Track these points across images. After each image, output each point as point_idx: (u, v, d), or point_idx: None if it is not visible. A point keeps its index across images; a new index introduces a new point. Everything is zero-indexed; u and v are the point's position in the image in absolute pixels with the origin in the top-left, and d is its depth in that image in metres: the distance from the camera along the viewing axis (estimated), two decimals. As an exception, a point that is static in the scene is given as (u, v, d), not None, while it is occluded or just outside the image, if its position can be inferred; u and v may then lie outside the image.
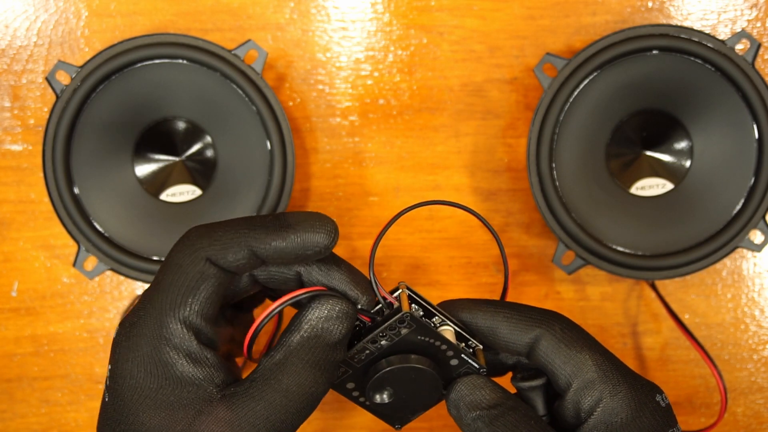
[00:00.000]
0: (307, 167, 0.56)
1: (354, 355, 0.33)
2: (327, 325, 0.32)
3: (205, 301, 0.31)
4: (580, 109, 0.51)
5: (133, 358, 0.30)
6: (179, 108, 0.52)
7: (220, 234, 0.31)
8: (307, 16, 0.55)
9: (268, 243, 0.31)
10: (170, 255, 0.31)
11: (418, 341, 0.33)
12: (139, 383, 0.30)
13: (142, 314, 0.31)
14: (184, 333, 0.30)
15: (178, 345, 0.30)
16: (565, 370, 0.33)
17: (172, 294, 0.30)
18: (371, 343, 0.33)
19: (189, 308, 0.30)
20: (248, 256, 0.31)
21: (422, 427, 0.58)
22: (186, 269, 0.30)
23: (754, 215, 0.50)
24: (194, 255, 0.30)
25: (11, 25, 0.54)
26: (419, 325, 0.33)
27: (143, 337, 0.30)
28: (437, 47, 0.55)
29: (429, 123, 0.56)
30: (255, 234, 0.31)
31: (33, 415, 0.57)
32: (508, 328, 0.34)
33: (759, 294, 0.57)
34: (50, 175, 0.50)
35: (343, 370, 0.34)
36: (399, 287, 0.34)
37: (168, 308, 0.30)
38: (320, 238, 0.31)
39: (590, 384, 0.32)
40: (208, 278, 0.31)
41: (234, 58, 0.50)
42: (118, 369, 0.30)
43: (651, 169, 0.53)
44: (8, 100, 0.55)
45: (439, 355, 0.34)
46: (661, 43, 0.50)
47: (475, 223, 0.56)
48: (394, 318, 0.32)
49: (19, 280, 0.56)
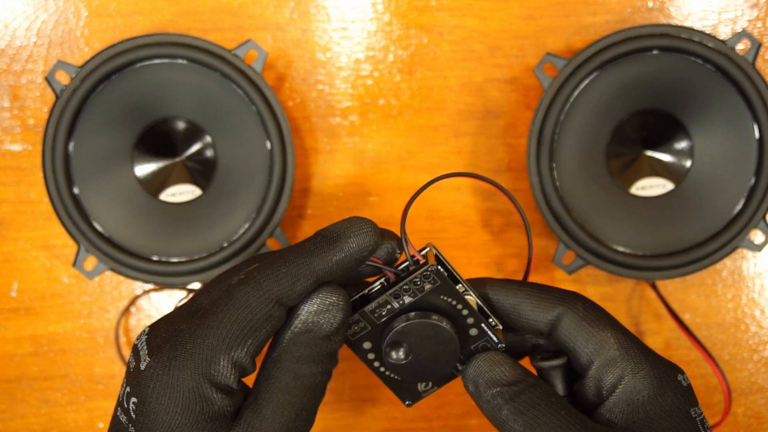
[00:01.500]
0: (307, 167, 0.56)
1: (375, 310, 0.33)
2: (317, 319, 0.32)
3: (262, 342, 0.31)
4: (580, 109, 0.51)
5: (171, 392, 0.29)
6: (179, 108, 0.52)
7: (284, 270, 0.31)
8: (307, 16, 0.55)
9: (330, 260, 0.31)
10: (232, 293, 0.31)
11: (441, 303, 0.33)
12: (176, 419, 0.29)
13: (188, 347, 0.30)
14: (230, 371, 0.30)
15: (220, 383, 0.30)
16: (587, 348, 0.33)
17: (233, 333, 0.30)
18: (394, 298, 0.32)
19: (246, 349, 0.30)
20: (314, 283, 0.31)
21: (422, 427, 0.58)
22: (254, 309, 0.30)
23: (755, 215, 0.50)
24: (265, 296, 0.31)
25: (11, 25, 0.54)
26: (443, 283, 0.32)
27: (187, 371, 0.29)
28: (437, 47, 0.55)
29: (429, 123, 0.56)
30: (315, 258, 0.31)
31: (33, 415, 0.57)
32: (530, 306, 0.34)
33: (759, 294, 0.57)
34: (50, 175, 0.50)
35: (362, 325, 0.33)
36: (427, 246, 0.34)
37: (225, 346, 0.30)
38: (371, 238, 0.32)
39: (612, 362, 0.32)
40: (272, 320, 0.31)
41: (234, 58, 0.50)
42: (152, 402, 0.29)
43: (651, 169, 0.53)
44: (8, 100, 0.55)
45: (459, 321, 0.33)
46: (662, 43, 0.50)
47: (475, 223, 0.56)
48: (419, 271, 0.32)
49: (19, 280, 0.56)
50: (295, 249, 0.32)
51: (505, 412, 0.31)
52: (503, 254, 0.57)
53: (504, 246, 0.57)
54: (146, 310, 0.57)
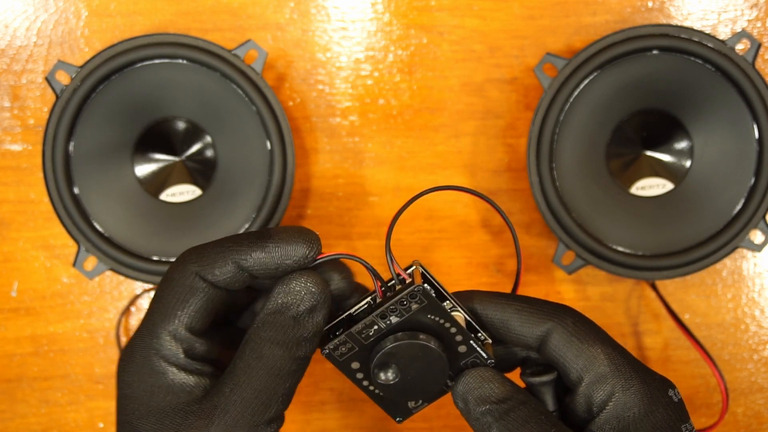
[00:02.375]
0: (307, 167, 0.56)
1: (362, 331, 0.33)
2: (286, 300, 0.32)
3: (194, 314, 0.32)
4: (580, 109, 0.51)
5: (129, 369, 0.32)
6: (179, 108, 0.52)
7: (208, 251, 0.32)
8: (307, 16, 0.55)
9: (249, 255, 0.32)
10: (166, 273, 0.33)
11: (428, 321, 0.33)
12: (134, 392, 0.31)
13: (140, 327, 0.33)
14: (173, 345, 0.32)
15: (168, 356, 0.32)
16: (576, 363, 0.32)
17: (163, 307, 0.32)
18: (380, 319, 0.32)
19: (177, 320, 0.32)
20: (234, 270, 0.32)
21: (422, 427, 0.58)
22: (176, 283, 0.32)
23: (755, 215, 0.50)
24: (184, 270, 0.32)
25: (11, 25, 0.54)
26: (430, 302, 0.32)
27: (138, 348, 0.32)
28: (437, 47, 0.55)
29: (429, 123, 0.56)
30: (238, 248, 0.32)
31: (33, 415, 0.57)
32: (519, 321, 0.34)
33: (759, 294, 0.57)
34: (50, 175, 0.50)
35: (350, 346, 0.33)
36: (413, 264, 0.34)
37: (159, 320, 0.32)
38: (299, 249, 0.32)
39: (602, 378, 0.32)
40: (196, 292, 0.32)
41: (234, 58, 0.50)
42: (120, 382, 0.32)
43: (651, 169, 0.53)
44: (8, 100, 0.55)
45: (447, 339, 0.33)
46: (662, 43, 0.50)
47: (475, 223, 0.56)
48: (405, 291, 0.32)
49: (19, 280, 0.56)
50: (233, 236, 0.33)
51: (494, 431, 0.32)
52: (503, 254, 0.57)
53: (504, 246, 0.57)
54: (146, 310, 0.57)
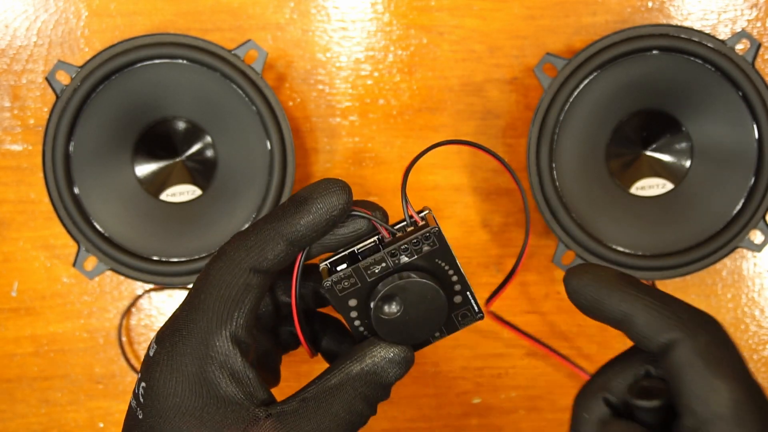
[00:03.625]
0: (307, 167, 0.56)
1: (369, 266, 0.32)
2: (387, 366, 0.32)
3: (249, 313, 0.31)
4: (580, 109, 0.51)
5: (177, 377, 0.30)
6: (179, 108, 0.52)
7: (252, 239, 0.31)
8: (307, 16, 0.55)
9: (298, 222, 0.31)
10: (208, 272, 0.31)
11: (433, 266, 0.33)
12: (183, 402, 0.30)
13: (184, 333, 0.31)
14: (230, 349, 0.30)
15: (223, 363, 0.30)
16: (694, 391, 0.28)
17: (218, 310, 0.30)
18: (390, 257, 0.32)
19: (235, 323, 0.30)
20: (286, 247, 0.31)
21: (422, 427, 0.58)
22: (230, 283, 0.31)
23: (754, 215, 0.50)
24: (237, 268, 0.31)
25: (11, 25, 0.54)
26: (442, 246, 0.32)
27: (187, 356, 0.30)
28: (437, 47, 0.55)
29: (429, 123, 0.56)
30: (282, 223, 0.31)
31: (33, 415, 0.57)
32: (645, 319, 0.29)
33: (759, 294, 0.57)
34: (50, 175, 0.50)
35: (353, 281, 0.33)
36: (425, 209, 0.34)
37: (215, 326, 0.30)
38: (340, 196, 0.31)
39: (718, 420, 0.27)
40: (252, 289, 0.31)
41: (234, 58, 0.50)
42: (159, 387, 0.30)
43: (651, 169, 0.53)
44: (8, 100, 0.55)
45: (446, 286, 0.33)
46: (661, 43, 0.50)
47: (475, 223, 0.56)
48: (421, 231, 0.32)
49: (19, 280, 0.56)
50: (266, 216, 0.32)
51: None
52: (503, 254, 0.57)
53: (504, 246, 0.57)
54: (146, 309, 0.57)
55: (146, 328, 0.57)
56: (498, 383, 0.57)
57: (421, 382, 0.58)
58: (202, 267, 0.50)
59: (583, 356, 0.57)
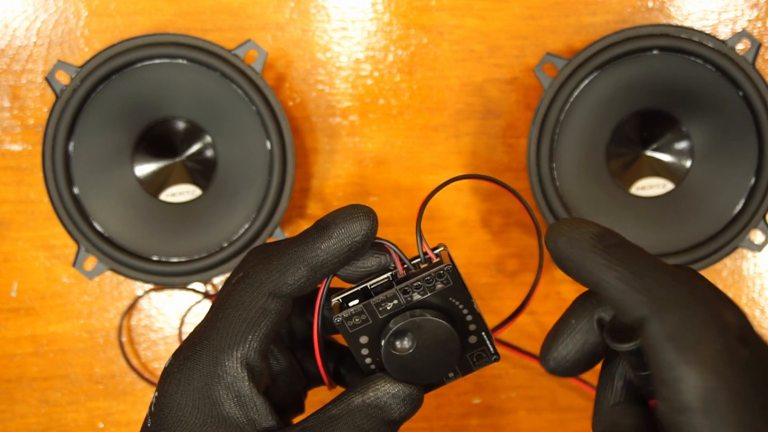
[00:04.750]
0: (307, 167, 0.56)
1: (380, 303, 0.32)
2: (391, 402, 0.32)
3: (264, 337, 0.31)
4: (580, 109, 0.51)
5: (183, 390, 0.30)
6: (179, 108, 0.52)
7: (275, 262, 0.31)
8: (307, 16, 0.55)
9: (319, 247, 0.31)
10: (230, 292, 0.31)
11: (447, 304, 0.32)
12: (185, 416, 0.30)
13: (198, 349, 0.31)
14: (238, 371, 0.30)
15: (230, 385, 0.30)
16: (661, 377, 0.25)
17: (232, 331, 0.30)
18: (402, 294, 0.32)
19: (248, 345, 0.30)
20: (307, 273, 0.31)
21: (422, 427, 0.58)
22: (248, 305, 0.30)
23: (755, 215, 0.50)
24: (256, 291, 0.31)
25: (11, 25, 0.54)
26: (456, 284, 0.32)
27: (196, 372, 0.30)
28: (437, 47, 0.55)
29: (429, 123, 0.56)
30: (304, 247, 0.31)
31: (33, 415, 0.57)
32: (615, 292, 0.27)
33: (759, 294, 0.57)
34: (50, 175, 0.50)
35: (364, 318, 0.32)
36: (440, 246, 0.33)
37: (226, 346, 0.30)
38: (363, 222, 0.31)
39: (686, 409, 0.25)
40: (269, 314, 0.31)
41: (234, 58, 0.50)
42: (166, 398, 0.30)
43: (651, 169, 0.53)
44: (8, 100, 0.55)
45: (460, 326, 0.33)
46: (662, 43, 0.50)
47: (475, 223, 0.56)
48: (434, 269, 0.31)
49: (19, 280, 0.56)
50: (292, 239, 0.32)
51: None
52: (503, 254, 0.57)
53: (504, 246, 0.57)
54: (146, 310, 0.57)
55: (146, 328, 0.57)
56: (498, 383, 0.57)
57: (421, 382, 0.58)
58: (202, 267, 0.51)
59: (583, 356, 0.57)
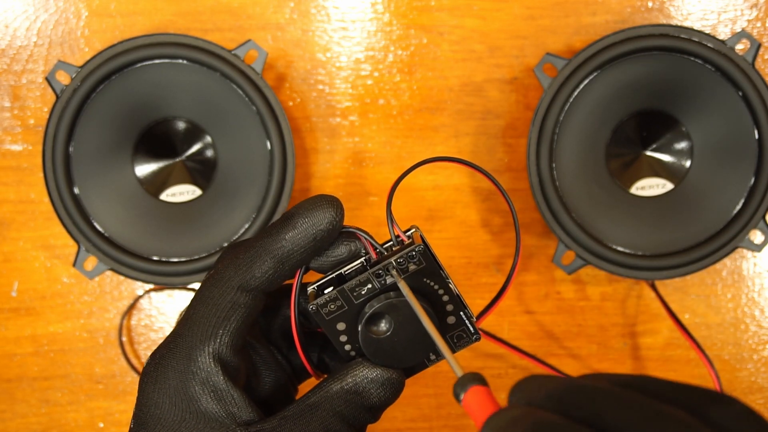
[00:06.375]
0: (307, 167, 0.56)
1: (354, 288, 0.31)
2: (370, 387, 0.32)
3: (235, 331, 0.31)
4: (580, 109, 0.51)
5: (160, 389, 0.30)
6: (179, 108, 0.52)
7: (241, 256, 0.31)
8: (307, 16, 0.55)
9: (283, 238, 0.31)
10: (200, 289, 0.31)
11: (422, 285, 0.32)
12: (164, 414, 0.30)
13: (172, 347, 0.31)
14: (212, 366, 0.30)
15: (205, 380, 0.30)
16: None
17: (202, 327, 0.30)
18: (375, 278, 0.31)
19: (219, 340, 0.30)
20: (273, 265, 0.31)
21: (422, 427, 0.58)
22: (217, 300, 0.31)
23: (754, 215, 0.50)
24: (225, 286, 0.31)
25: (11, 25, 0.54)
26: (429, 264, 0.31)
27: (171, 370, 0.30)
28: (437, 47, 0.55)
29: (429, 123, 0.56)
30: (269, 239, 0.31)
31: (33, 415, 0.57)
32: None
33: (759, 294, 0.57)
34: (50, 175, 0.50)
35: (339, 304, 0.32)
36: (412, 228, 0.33)
37: (198, 342, 0.30)
38: (327, 212, 0.31)
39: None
40: (238, 308, 0.31)
41: (234, 58, 0.50)
42: (145, 398, 0.31)
43: (651, 169, 0.53)
44: (8, 100, 0.55)
45: (438, 307, 0.32)
46: (661, 43, 0.50)
47: (475, 222, 0.56)
48: (405, 250, 0.31)
49: (19, 280, 0.56)
50: (258, 233, 0.32)
51: None
52: (503, 254, 0.57)
53: (504, 246, 0.57)
54: (146, 310, 0.57)
55: (146, 328, 0.57)
56: (498, 383, 0.57)
57: (421, 382, 0.58)
58: (202, 267, 0.51)
59: (583, 356, 0.57)
